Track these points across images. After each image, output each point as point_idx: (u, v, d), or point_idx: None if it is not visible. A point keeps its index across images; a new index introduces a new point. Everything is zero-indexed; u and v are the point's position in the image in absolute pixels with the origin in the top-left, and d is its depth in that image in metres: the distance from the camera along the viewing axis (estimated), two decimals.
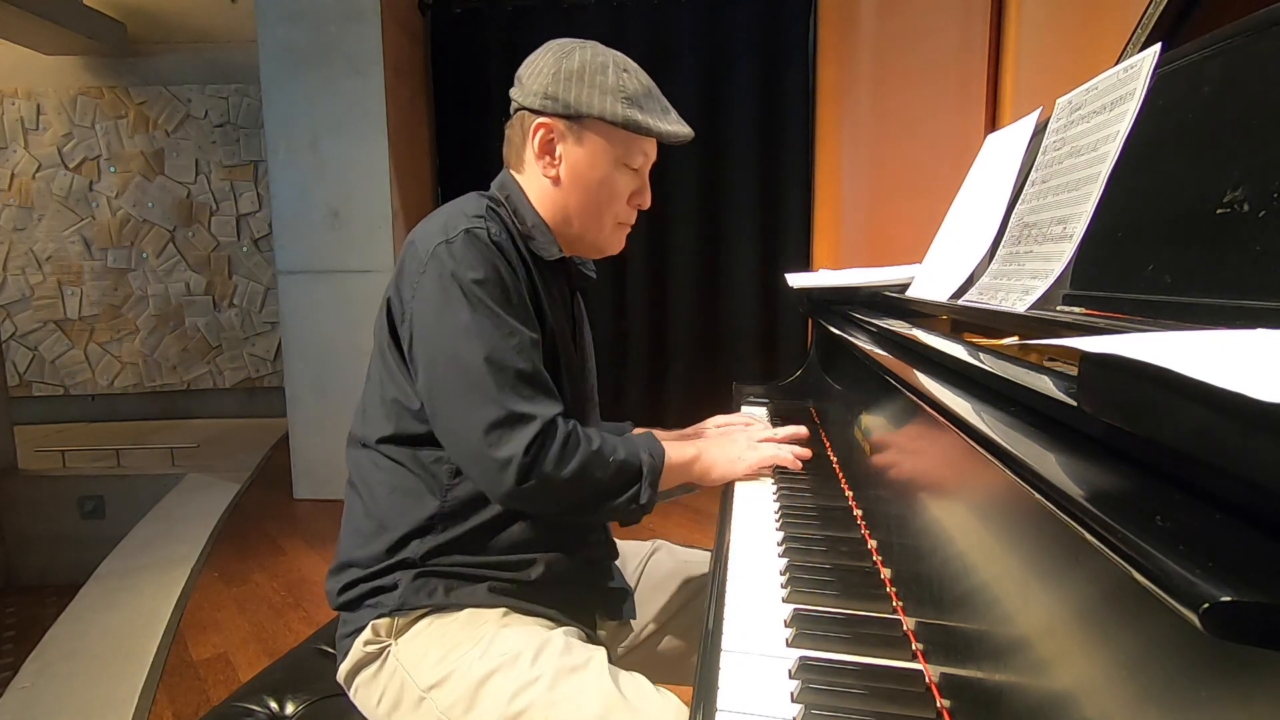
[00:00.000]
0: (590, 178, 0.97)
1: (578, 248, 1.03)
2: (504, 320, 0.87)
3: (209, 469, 3.62)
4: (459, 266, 0.87)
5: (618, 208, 1.00)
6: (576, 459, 0.86)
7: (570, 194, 0.98)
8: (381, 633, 0.88)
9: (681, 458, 0.98)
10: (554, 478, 0.85)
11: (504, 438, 0.84)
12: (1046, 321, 0.61)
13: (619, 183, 0.98)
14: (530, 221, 0.97)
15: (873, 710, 0.54)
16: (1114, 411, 0.35)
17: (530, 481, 0.84)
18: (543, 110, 0.94)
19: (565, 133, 0.95)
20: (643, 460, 0.92)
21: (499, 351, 0.86)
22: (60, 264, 4.63)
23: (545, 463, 0.84)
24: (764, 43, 3.29)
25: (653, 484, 0.92)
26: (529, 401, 0.86)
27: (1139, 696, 0.31)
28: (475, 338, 0.86)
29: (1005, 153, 0.96)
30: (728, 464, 1.02)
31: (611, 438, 0.92)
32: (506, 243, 0.91)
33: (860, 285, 1.33)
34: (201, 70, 4.56)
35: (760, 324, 3.51)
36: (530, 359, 0.88)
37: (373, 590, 0.90)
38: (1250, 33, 0.55)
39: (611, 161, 0.96)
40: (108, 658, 1.96)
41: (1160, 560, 0.26)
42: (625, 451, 0.91)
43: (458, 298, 0.86)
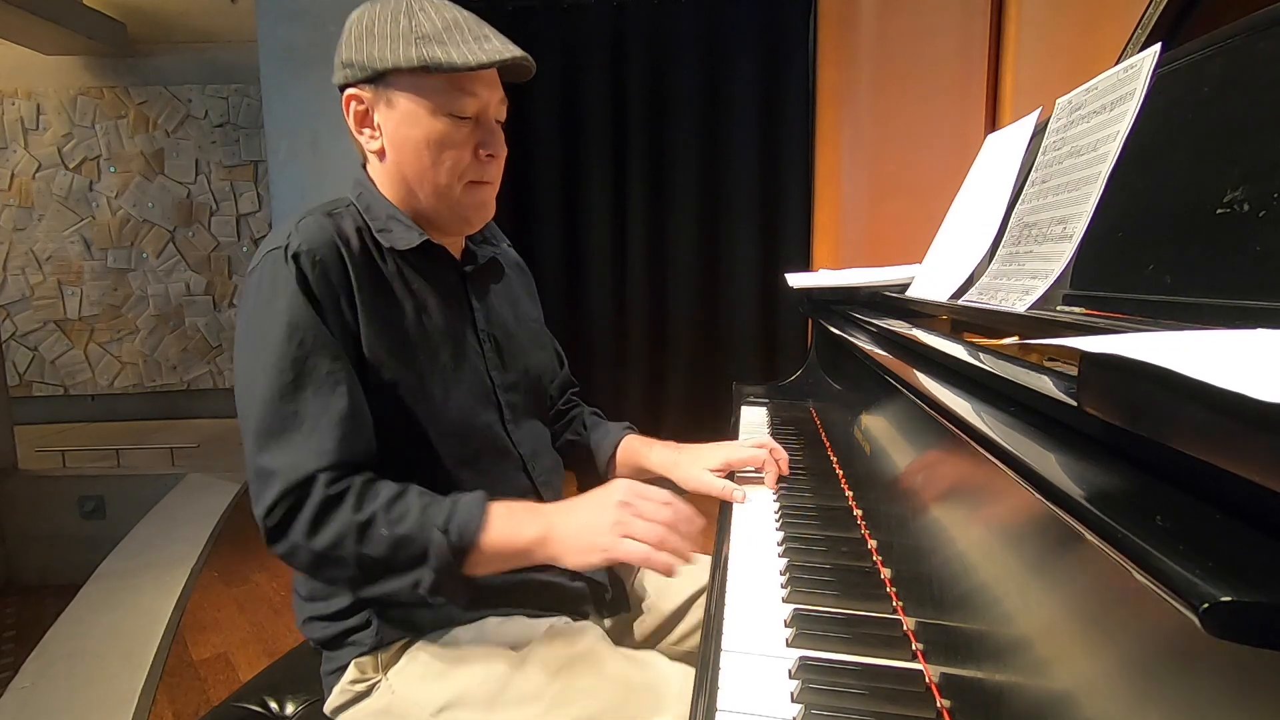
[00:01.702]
0: (415, 138, 0.85)
1: (441, 224, 0.92)
2: (278, 353, 0.77)
3: (209, 469, 3.62)
4: (248, 298, 0.81)
5: (459, 164, 0.87)
6: (330, 529, 0.74)
7: (400, 163, 0.87)
8: (368, 670, 0.85)
9: (513, 539, 0.77)
10: (305, 546, 0.74)
11: (256, 494, 0.76)
12: (1046, 321, 0.61)
13: (451, 135, 0.85)
14: (385, 214, 0.89)
15: (873, 710, 0.54)
16: (1114, 411, 0.35)
17: (279, 546, 0.75)
18: (347, 82, 0.86)
19: (374, 98, 0.85)
20: (432, 540, 0.74)
21: (262, 391, 0.77)
22: (60, 264, 4.63)
23: (293, 529, 0.74)
24: (764, 43, 3.29)
25: (441, 571, 0.74)
26: (284, 453, 0.75)
27: (1139, 696, 0.31)
28: (244, 377, 0.79)
29: (1005, 153, 0.96)
30: (580, 552, 0.78)
31: (411, 503, 0.77)
32: (322, 249, 0.81)
33: (860, 285, 1.33)
34: (201, 70, 4.56)
35: (760, 324, 3.51)
36: (308, 398, 0.77)
37: (346, 631, 0.86)
38: (1250, 33, 0.55)
39: (430, 113, 0.84)
40: (108, 658, 1.96)
41: (1160, 560, 0.26)
42: (413, 525, 0.75)
43: (241, 333, 0.81)
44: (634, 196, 3.46)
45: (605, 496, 0.81)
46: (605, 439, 1.14)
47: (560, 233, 3.48)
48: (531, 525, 0.78)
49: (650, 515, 0.78)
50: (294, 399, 0.76)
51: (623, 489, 0.81)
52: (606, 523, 0.78)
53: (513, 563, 0.79)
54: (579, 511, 0.80)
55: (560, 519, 0.80)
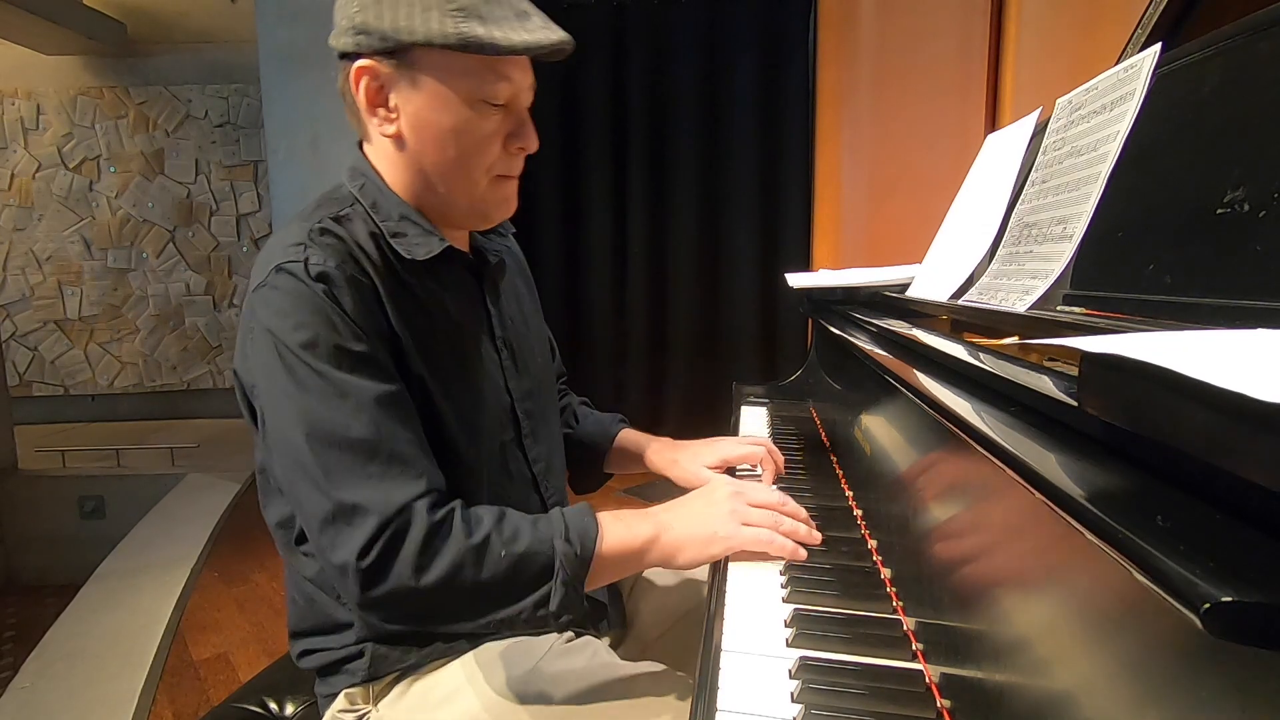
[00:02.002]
0: (441, 127, 0.75)
1: (456, 219, 0.84)
2: (331, 380, 0.69)
3: (209, 469, 3.62)
4: (268, 319, 0.71)
5: (488, 157, 0.78)
6: (444, 558, 0.66)
7: (422, 154, 0.77)
8: (357, 700, 0.82)
9: (630, 541, 0.73)
10: (410, 587, 0.65)
11: (336, 539, 0.66)
12: (1046, 321, 0.60)
13: (482, 125, 0.76)
14: (397, 214, 0.78)
15: (873, 710, 0.54)
16: (1114, 411, 0.35)
17: (376, 592, 0.66)
18: (358, 50, 0.73)
19: (394, 75, 0.74)
20: (556, 550, 0.69)
21: (323, 424, 0.68)
22: (60, 264, 4.63)
23: (396, 567, 0.66)
24: (764, 43, 3.29)
25: (570, 582, 0.69)
26: (368, 485, 0.67)
27: (1139, 696, 0.31)
28: (293, 411, 0.69)
29: (1005, 153, 0.96)
30: (699, 544, 0.75)
31: (518, 519, 0.71)
32: (343, 266, 0.72)
33: (860, 285, 1.33)
34: (201, 70, 4.56)
35: (760, 324, 3.51)
36: (374, 421, 0.69)
37: (340, 660, 0.82)
38: (1250, 33, 0.55)
39: (463, 100, 0.74)
40: (108, 658, 1.96)
41: (1161, 560, 0.26)
42: (532, 539, 0.69)
43: (273, 362, 0.70)
44: (634, 196, 3.46)
45: (714, 491, 0.80)
46: (600, 432, 1.12)
47: (560, 233, 3.48)
48: (643, 526, 0.75)
49: (763, 502, 0.78)
50: (363, 427, 0.68)
51: (727, 482, 0.81)
52: (723, 512, 0.76)
53: (629, 567, 0.76)
54: (689, 506, 0.79)
55: (670, 516, 0.77)
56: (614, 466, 1.13)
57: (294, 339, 0.69)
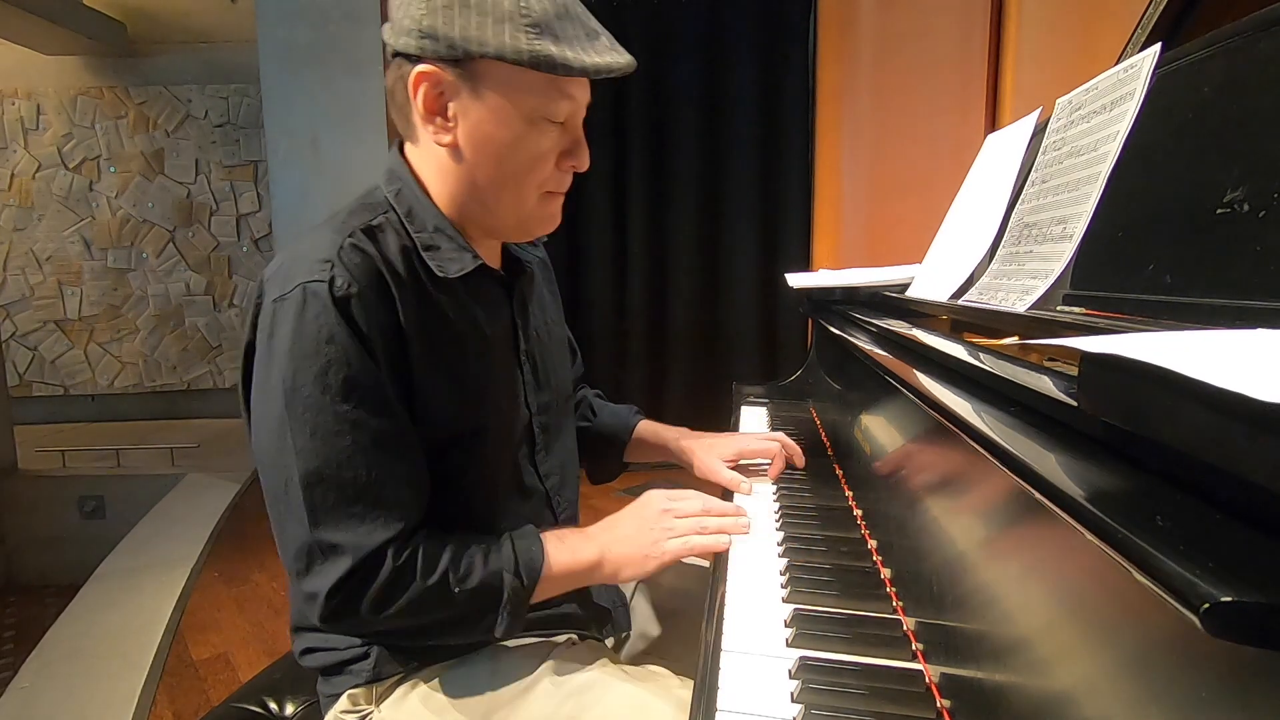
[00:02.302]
0: (499, 141, 0.74)
1: (498, 232, 0.83)
2: (333, 415, 0.69)
3: (209, 469, 3.61)
4: (282, 340, 0.70)
5: (541, 174, 0.77)
6: (403, 598, 0.71)
7: (476, 166, 0.76)
8: (360, 701, 0.82)
9: (573, 565, 0.79)
10: (370, 619, 0.71)
11: (310, 569, 0.70)
12: (1046, 321, 0.61)
13: (540, 142, 0.75)
14: (432, 225, 0.77)
15: (873, 710, 0.54)
16: (1114, 411, 0.35)
17: (340, 622, 0.72)
18: (421, 54, 0.71)
19: (456, 84, 0.72)
20: (505, 585, 0.74)
21: (317, 459, 0.69)
22: (60, 264, 4.63)
23: (360, 604, 0.70)
24: (764, 43, 3.29)
25: (515, 612, 0.75)
26: (348, 525, 0.69)
27: (1139, 696, 0.31)
28: (289, 440, 0.69)
29: (1005, 153, 0.96)
30: (637, 563, 0.81)
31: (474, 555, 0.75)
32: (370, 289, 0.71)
33: (860, 285, 1.33)
34: (201, 70, 4.56)
35: (760, 324, 3.51)
36: (367, 464, 0.70)
37: (344, 661, 0.82)
38: (1250, 33, 0.55)
39: (525, 116, 0.73)
40: (108, 658, 1.96)
41: (1160, 560, 0.26)
42: (483, 575, 0.73)
43: (275, 383, 0.70)
44: (634, 196, 3.46)
45: (643, 510, 0.84)
46: (620, 424, 1.13)
47: (560, 232, 3.44)
48: (586, 549, 0.80)
49: (687, 512, 0.84)
50: (355, 464, 0.69)
51: (655, 498, 0.85)
52: (652, 534, 0.82)
53: (572, 585, 0.82)
54: (623, 528, 0.83)
55: (609, 537, 0.82)
56: (632, 457, 1.15)
57: (304, 366, 0.69)
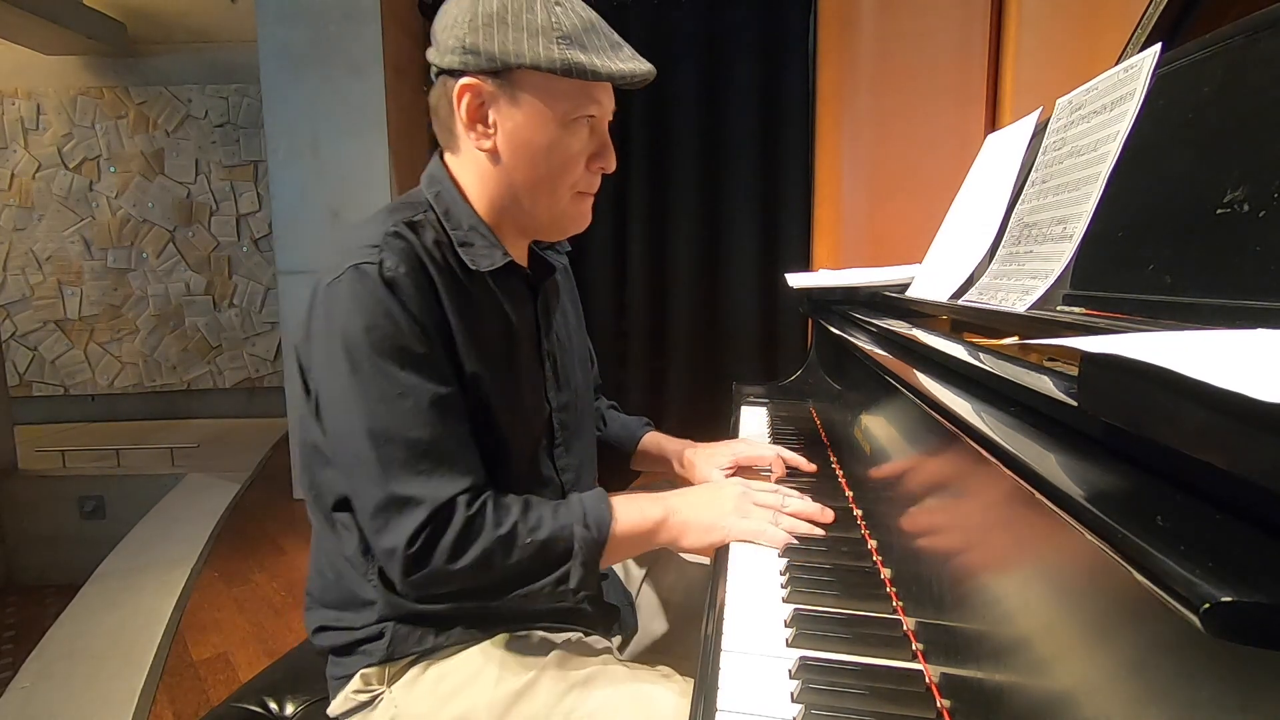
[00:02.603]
0: (535, 144, 0.81)
1: (534, 230, 0.89)
2: (394, 380, 0.74)
3: (209, 469, 3.61)
4: (340, 316, 0.76)
5: (573, 175, 0.84)
6: (477, 547, 0.74)
7: (514, 169, 0.83)
8: (372, 681, 0.84)
9: (640, 523, 0.82)
10: (447, 570, 0.74)
11: (388, 524, 0.74)
12: (1046, 321, 0.61)
13: (571, 145, 0.82)
14: (467, 224, 0.84)
15: (873, 710, 0.54)
16: (1114, 411, 0.35)
17: (418, 575, 0.74)
18: (464, 69, 0.78)
19: (496, 93, 0.79)
20: (575, 536, 0.77)
21: (383, 421, 0.74)
22: (60, 264, 4.63)
23: (436, 554, 0.73)
24: (764, 43, 3.29)
25: (588, 564, 0.77)
26: (419, 480, 0.74)
27: (1139, 696, 0.31)
28: (357, 406, 0.75)
29: (1005, 153, 0.96)
30: (702, 530, 0.83)
31: (541, 509, 0.78)
32: (414, 271, 0.77)
33: (860, 285, 1.33)
34: (201, 70, 4.56)
35: (760, 324, 3.51)
36: (429, 423, 0.75)
37: (358, 641, 0.85)
38: (1250, 33, 0.55)
39: (558, 120, 0.80)
40: (108, 658, 1.96)
41: (1160, 560, 0.26)
42: (553, 527, 0.77)
43: (339, 355, 0.75)
44: (634, 196, 3.46)
45: (722, 486, 0.89)
46: (627, 436, 1.18)
47: None
48: (653, 509, 0.83)
49: (765, 502, 0.86)
50: (419, 425, 0.75)
51: (738, 481, 0.89)
52: (727, 506, 0.84)
53: (640, 546, 0.84)
54: (698, 495, 0.87)
55: (679, 501, 0.85)
56: (640, 465, 1.19)
57: (363, 338, 0.75)
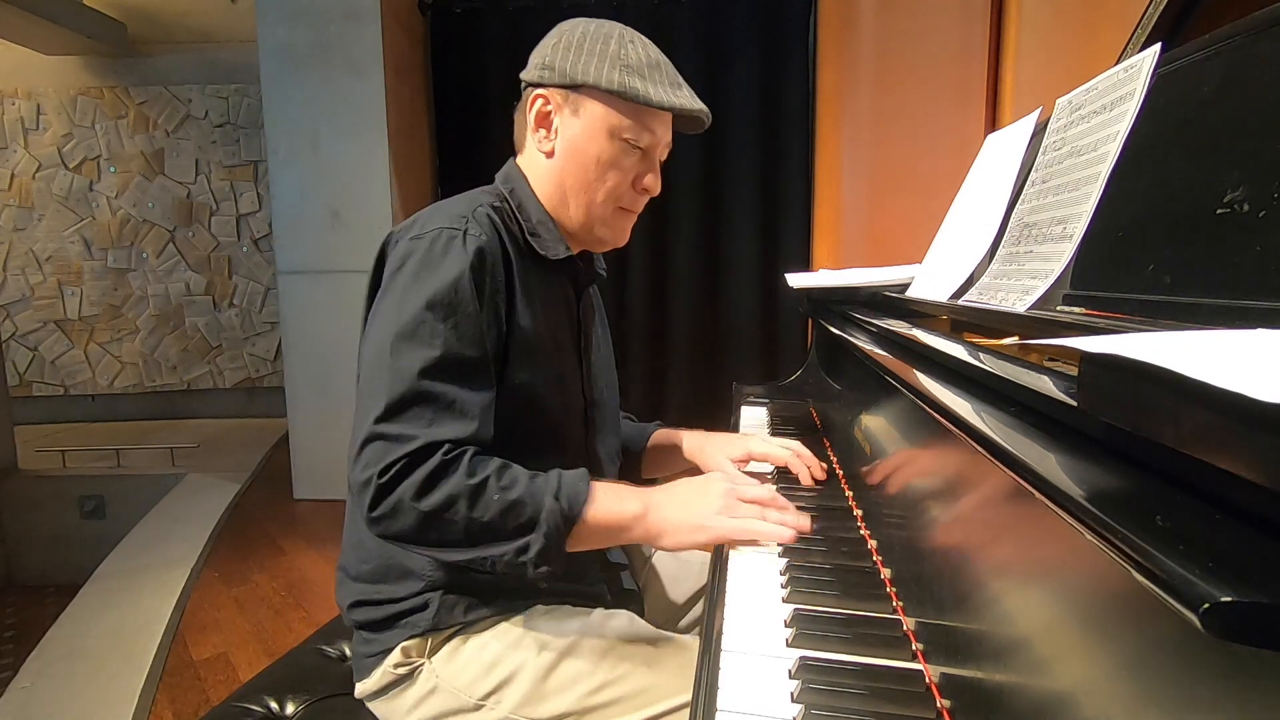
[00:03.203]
0: (586, 151, 0.90)
1: (579, 237, 0.97)
2: (433, 328, 0.78)
3: (209, 469, 3.62)
4: (418, 264, 0.82)
5: (618, 188, 0.92)
6: (444, 489, 0.73)
7: (565, 169, 0.92)
8: (413, 654, 0.86)
9: (618, 513, 0.79)
10: (411, 506, 0.73)
11: (373, 456, 0.74)
12: (1046, 321, 0.60)
13: (620, 160, 0.91)
14: (536, 217, 0.92)
15: (873, 710, 0.54)
16: (1114, 411, 0.35)
17: (383, 505, 0.73)
18: (540, 81, 0.91)
19: (562, 104, 0.90)
20: (544, 507, 0.76)
21: (406, 360, 0.77)
22: (60, 264, 4.63)
23: (403, 486, 0.73)
24: (764, 43, 3.29)
25: (550, 536, 0.75)
26: (415, 423, 0.76)
27: (1139, 696, 0.31)
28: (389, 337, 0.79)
29: (1005, 153, 0.96)
30: (685, 530, 0.81)
31: (519, 473, 0.78)
32: (494, 247, 0.84)
33: (860, 285, 1.33)
34: (201, 70, 4.56)
35: (760, 324, 3.50)
36: (447, 376, 0.78)
37: (402, 613, 0.87)
38: (1250, 33, 0.55)
39: (609, 134, 0.90)
40: (108, 658, 1.96)
41: (1160, 560, 0.26)
42: (524, 491, 0.76)
43: (391, 304, 0.81)
44: None
45: (708, 482, 0.86)
46: (639, 434, 1.20)
47: None
48: (633, 501, 0.81)
49: (753, 497, 0.84)
50: (438, 378, 0.77)
51: (723, 476, 0.87)
52: (713, 505, 0.82)
53: (612, 538, 0.81)
54: (682, 492, 0.84)
55: (662, 498, 0.83)
56: (652, 468, 1.20)
57: (422, 285, 0.80)
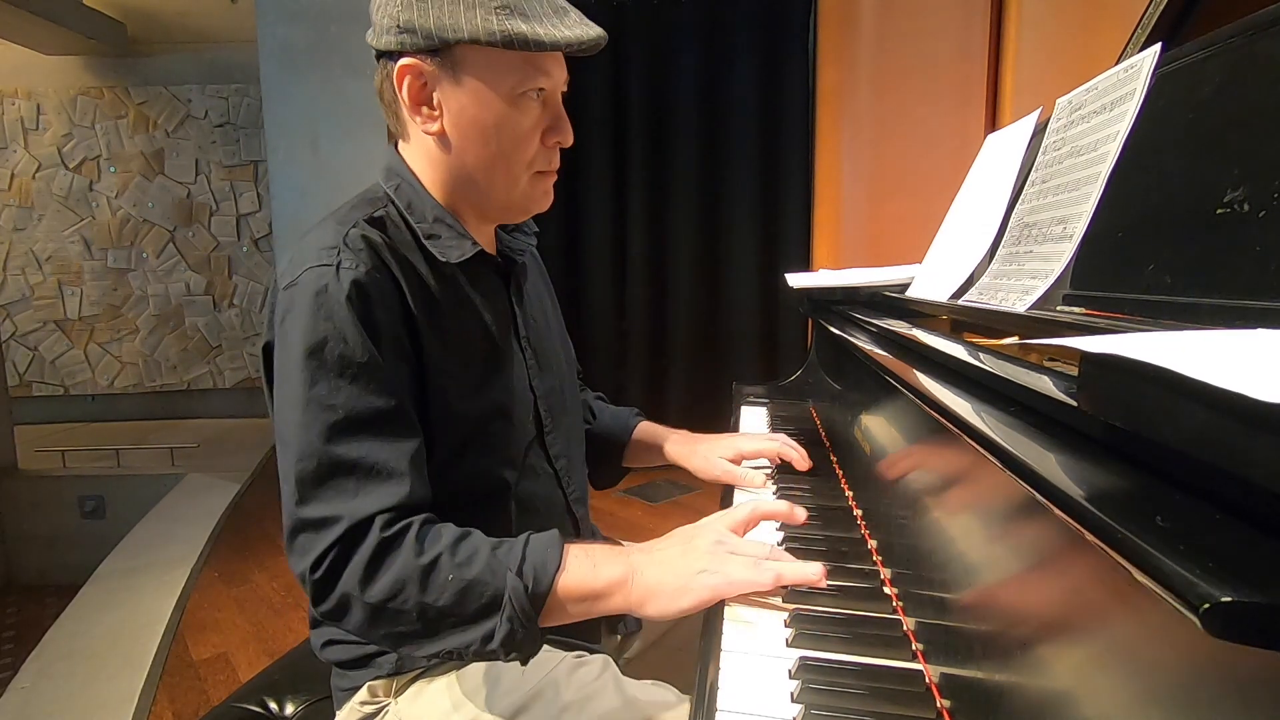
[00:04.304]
0: (484, 123, 0.77)
1: (494, 214, 0.85)
2: (330, 390, 0.69)
3: (209, 469, 3.62)
4: (292, 320, 0.72)
5: (529, 153, 0.79)
6: (389, 574, 0.65)
7: (464, 151, 0.78)
8: (379, 693, 0.83)
9: (593, 583, 0.67)
10: (358, 598, 0.66)
11: (303, 547, 0.68)
12: (1046, 321, 0.60)
13: (522, 121, 0.77)
14: (432, 215, 0.80)
15: (873, 710, 0.54)
16: (1114, 411, 0.35)
17: (327, 602, 0.67)
18: (401, 50, 0.74)
19: (437, 73, 0.75)
20: (506, 586, 0.65)
21: (309, 433, 0.69)
22: (60, 264, 4.63)
23: (344, 578, 0.66)
24: (764, 43, 3.29)
25: (515, 620, 0.65)
26: (339, 499, 0.67)
27: (1139, 696, 0.31)
28: (288, 414, 0.70)
29: (1005, 153, 0.96)
30: (669, 596, 0.67)
31: (479, 544, 0.68)
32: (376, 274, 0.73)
33: (860, 285, 1.32)
34: (201, 70, 4.56)
35: (760, 324, 3.51)
36: (359, 438, 0.69)
37: (368, 655, 0.83)
38: (1250, 33, 0.55)
39: (505, 96, 0.76)
40: (108, 658, 1.96)
41: (1160, 560, 0.26)
42: (482, 567, 0.66)
43: (283, 361, 0.72)
44: (634, 196, 3.46)
45: (694, 536, 0.72)
46: (619, 426, 1.14)
47: (560, 233, 3.48)
48: (611, 567, 0.68)
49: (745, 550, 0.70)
50: (348, 441, 0.69)
51: (712, 527, 0.73)
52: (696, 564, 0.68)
53: (588, 609, 0.69)
54: (666, 551, 0.70)
55: (644, 559, 0.69)
56: (632, 460, 1.15)
57: (303, 344, 0.70)
